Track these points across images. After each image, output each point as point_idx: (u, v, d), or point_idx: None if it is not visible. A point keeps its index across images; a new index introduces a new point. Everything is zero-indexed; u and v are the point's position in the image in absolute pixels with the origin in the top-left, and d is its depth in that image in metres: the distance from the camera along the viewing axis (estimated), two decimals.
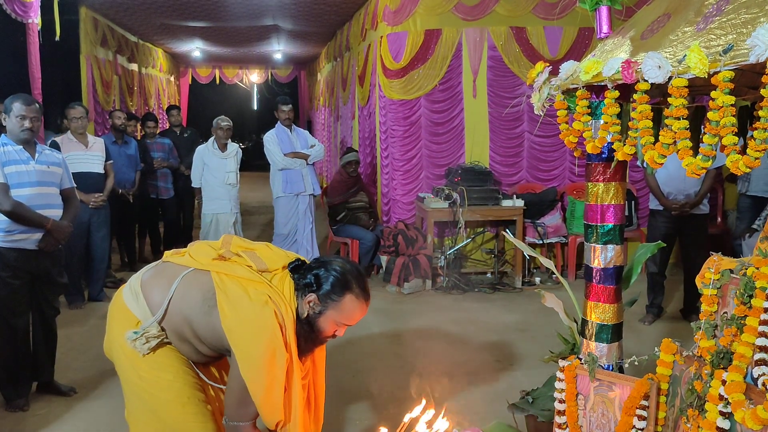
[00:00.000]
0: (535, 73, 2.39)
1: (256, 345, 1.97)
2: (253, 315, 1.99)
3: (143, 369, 2.12)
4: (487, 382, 4.03)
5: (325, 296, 2.08)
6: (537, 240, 6.62)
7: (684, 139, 1.81)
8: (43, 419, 3.59)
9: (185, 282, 2.13)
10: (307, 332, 2.10)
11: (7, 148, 3.67)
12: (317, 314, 2.09)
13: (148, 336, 2.07)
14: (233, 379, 2.02)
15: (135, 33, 10.88)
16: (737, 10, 1.72)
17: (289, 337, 2.03)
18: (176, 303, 2.11)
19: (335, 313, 2.09)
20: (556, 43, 6.86)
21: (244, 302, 2.02)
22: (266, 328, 1.98)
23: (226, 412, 2.07)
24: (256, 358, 1.96)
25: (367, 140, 8.25)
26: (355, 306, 2.11)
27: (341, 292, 2.08)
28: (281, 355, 1.98)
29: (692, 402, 1.98)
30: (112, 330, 2.21)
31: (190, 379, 2.17)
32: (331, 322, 2.11)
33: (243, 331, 1.99)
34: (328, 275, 2.10)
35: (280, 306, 2.03)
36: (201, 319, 2.07)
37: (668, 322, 5.24)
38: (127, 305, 2.16)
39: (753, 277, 1.86)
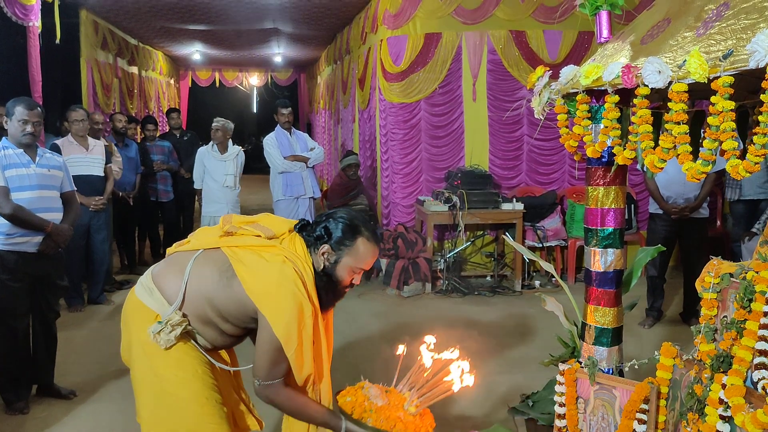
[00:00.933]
0: (535, 77, 2.40)
1: (284, 302, 2.01)
2: (273, 274, 2.04)
3: (162, 367, 2.12)
4: (487, 386, 4.03)
5: (338, 244, 2.13)
6: (537, 243, 6.62)
7: (684, 144, 1.82)
8: (43, 422, 3.58)
9: (198, 263, 2.14)
10: (326, 284, 2.14)
11: (8, 151, 3.68)
12: (333, 264, 2.13)
13: (172, 324, 2.06)
14: (263, 341, 2.04)
15: (135, 36, 10.89)
16: (737, 15, 1.73)
17: (311, 290, 2.08)
18: (193, 285, 2.11)
19: (350, 258, 2.13)
20: (556, 47, 6.87)
21: (262, 265, 2.06)
22: (289, 284, 2.02)
23: (258, 374, 2.08)
24: (286, 314, 2.00)
25: (367, 143, 8.26)
26: (368, 248, 2.16)
27: (353, 237, 2.13)
28: (308, 308, 2.03)
29: (692, 406, 1.99)
30: (130, 331, 2.19)
31: (208, 379, 2.17)
32: (348, 269, 2.15)
33: (268, 292, 2.03)
34: (337, 224, 2.14)
35: (296, 263, 2.07)
36: (222, 294, 2.09)
37: (668, 326, 5.24)
38: (143, 302, 2.15)
39: (753, 281, 1.87)
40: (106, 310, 5.78)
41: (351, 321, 5.44)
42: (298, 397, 2.15)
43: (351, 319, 5.50)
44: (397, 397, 2.23)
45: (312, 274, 2.11)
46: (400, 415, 2.13)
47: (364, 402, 2.15)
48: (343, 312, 5.66)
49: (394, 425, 2.08)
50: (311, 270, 2.12)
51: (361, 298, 6.12)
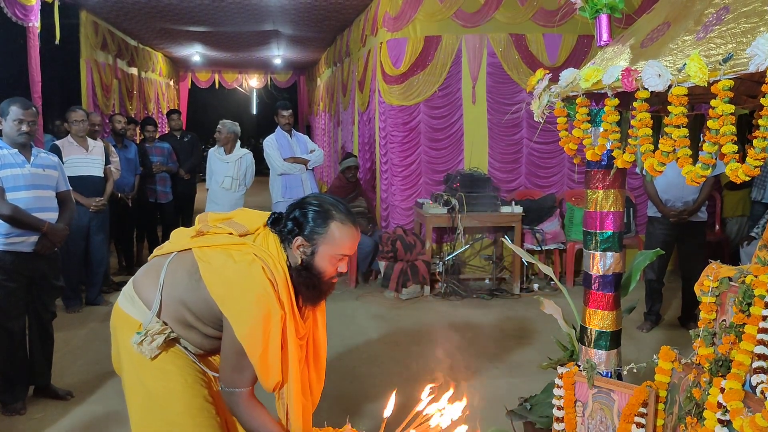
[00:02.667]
0: (535, 81, 2.40)
1: (248, 305, 1.90)
2: (239, 276, 1.93)
3: (150, 378, 2.06)
4: (485, 389, 4.03)
5: (311, 233, 1.99)
6: (535, 246, 6.62)
7: (683, 147, 1.82)
8: (39, 423, 3.58)
9: (171, 267, 2.08)
10: (307, 278, 2.01)
11: (3, 151, 3.67)
12: (311, 255, 1.99)
13: (151, 333, 2.00)
14: (227, 345, 1.94)
15: (135, 37, 10.89)
16: (737, 19, 1.73)
17: (282, 293, 1.95)
18: (168, 291, 2.05)
19: (327, 247, 1.99)
20: (556, 50, 6.88)
21: (229, 266, 1.95)
22: (256, 286, 1.91)
23: (222, 379, 2.00)
24: (250, 318, 1.89)
25: (366, 146, 8.27)
26: (344, 232, 2.00)
27: (325, 223, 1.99)
28: (275, 311, 1.91)
29: (690, 410, 1.98)
30: (117, 341, 2.14)
31: (199, 389, 2.10)
32: (328, 258, 2.01)
33: (232, 295, 1.92)
34: (305, 212, 2.01)
35: (267, 262, 1.95)
36: (192, 296, 2.01)
37: (666, 330, 5.24)
38: (125, 312, 2.11)
39: (751, 285, 1.86)
40: (103, 312, 5.77)
41: (349, 323, 5.44)
42: (259, 415, 2.01)
43: (349, 321, 5.49)
44: None
45: (285, 272, 1.98)
46: None
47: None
48: (341, 314, 5.66)
49: None
50: (284, 268, 1.99)
51: (359, 301, 6.12)
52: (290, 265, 2.02)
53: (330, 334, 5.28)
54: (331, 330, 5.23)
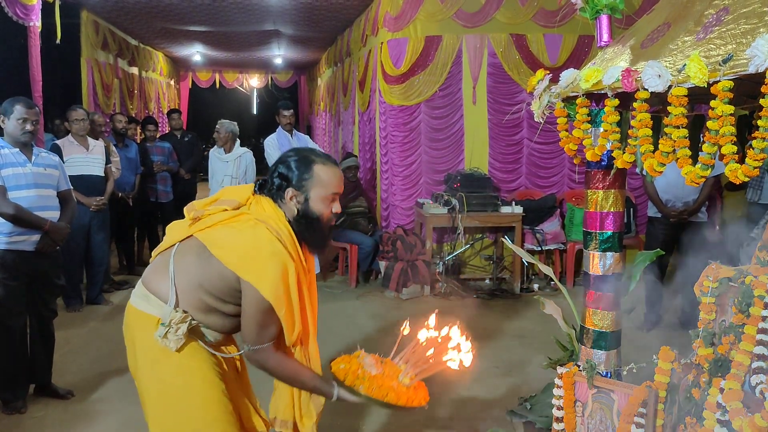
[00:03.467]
0: (535, 81, 2.40)
1: (265, 264, 1.98)
2: (248, 241, 2.01)
3: (170, 374, 2.07)
4: (485, 388, 4.03)
5: (299, 182, 2.09)
6: (536, 246, 6.62)
7: (683, 148, 1.82)
8: (40, 422, 3.58)
9: (178, 257, 2.11)
10: (308, 225, 2.11)
11: (4, 151, 3.68)
12: (305, 203, 2.10)
13: (174, 323, 2.02)
14: (250, 307, 2.00)
15: (136, 37, 10.89)
16: (737, 20, 1.74)
17: (290, 247, 2.04)
18: (181, 278, 2.08)
19: (317, 189, 2.09)
20: (556, 50, 6.88)
21: (234, 234, 2.03)
22: (266, 245, 1.99)
23: (247, 340, 2.05)
24: (270, 275, 1.96)
25: (367, 145, 8.27)
26: (328, 172, 2.12)
27: (309, 169, 2.09)
28: (290, 264, 2.00)
29: (690, 410, 1.99)
30: (134, 341, 2.14)
31: (217, 383, 2.12)
32: (321, 200, 2.10)
33: (247, 257, 1.99)
34: (288, 165, 2.11)
35: (268, 222, 2.04)
36: (206, 275, 2.05)
37: (666, 330, 5.24)
38: (141, 310, 2.12)
39: (751, 286, 1.87)
40: (104, 311, 5.78)
41: (349, 323, 5.44)
42: (290, 362, 2.12)
43: (349, 321, 5.50)
44: (392, 368, 2.17)
45: (287, 227, 2.07)
46: (394, 385, 2.07)
47: (357, 370, 2.09)
48: (342, 314, 5.66)
49: (386, 394, 2.04)
50: (285, 224, 2.08)
51: (359, 300, 6.12)
52: (289, 219, 2.10)
53: (330, 334, 5.34)
54: (332, 329, 5.27)
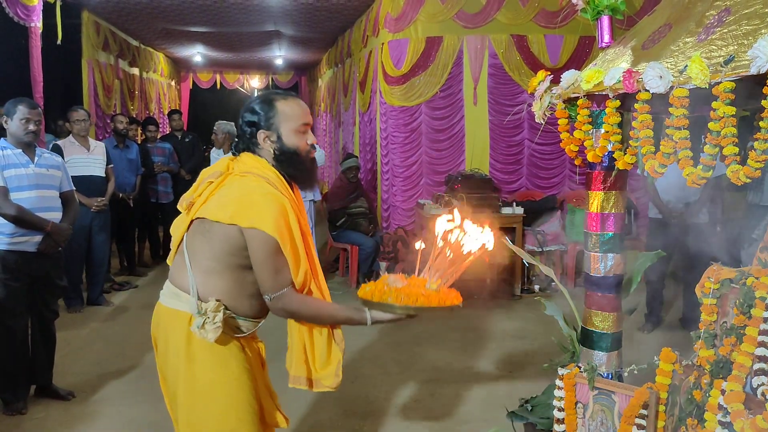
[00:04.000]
0: (536, 82, 2.40)
1: (260, 204, 1.99)
2: (237, 192, 2.04)
3: (201, 371, 2.07)
4: (485, 389, 4.03)
5: (267, 123, 2.11)
6: (536, 247, 6.62)
7: (684, 149, 1.82)
8: (41, 423, 3.58)
9: (189, 246, 2.13)
10: (288, 161, 2.13)
11: (7, 151, 3.68)
12: (279, 140, 2.12)
13: (210, 311, 2.01)
14: (258, 253, 2.00)
15: (137, 37, 10.90)
16: (738, 21, 1.74)
17: (280, 185, 2.07)
18: (196, 264, 2.08)
19: (286, 124, 2.12)
20: (557, 51, 6.88)
21: (224, 194, 2.07)
22: (257, 188, 2.03)
23: (266, 289, 2.05)
24: (270, 213, 1.98)
25: (367, 146, 8.27)
26: (291, 104, 2.14)
27: (271, 107, 2.12)
28: (285, 201, 2.03)
29: (691, 411, 1.98)
30: (167, 342, 2.12)
31: (245, 381, 2.12)
32: (293, 133, 2.12)
33: (242, 205, 2.01)
34: (252, 110, 2.14)
35: (253, 171, 2.08)
36: (214, 244, 2.05)
37: (667, 331, 5.24)
38: (173, 308, 2.12)
39: (753, 287, 1.86)
40: (105, 312, 5.78)
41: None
42: (313, 300, 2.12)
43: None
44: (417, 280, 2.08)
45: (273, 171, 2.10)
46: (422, 292, 2.01)
47: (383, 287, 2.03)
48: None
49: (416, 299, 1.98)
50: (270, 168, 2.10)
51: (360, 301, 6.11)
52: (272, 163, 2.13)
53: None
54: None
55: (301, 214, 2.14)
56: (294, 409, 3.76)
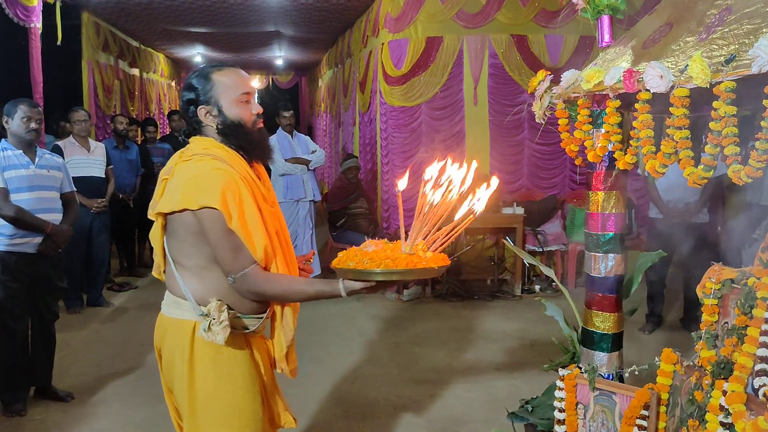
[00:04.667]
0: (536, 82, 2.40)
1: (206, 181, 1.90)
2: (187, 173, 1.95)
3: (202, 379, 2.01)
4: (486, 390, 4.02)
5: (205, 95, 2.01)
6: (537, 248, 6.61)
7: (685, 149, 1.81)
8: (40, 424, 3.58)
9: (170, 252, 2.06)
10: (234, 135, 2.03)
11: (7, 152, 3.68)
12: (220, 113, 2.02)
13: (213, 311, 1.93)
14: (213, 232, 1.90)
15: (137, 38, 10.90)
16: (740, 20, 1.73)
17: (229, 158, 1.98)
18: (183, 268, 2.02)
19: (226, 95, 2.01)
20: (557, 51, 6.87)
21: (173, 182, 1.98)
22: (204, 166, 1.93)
23: (228, 269, 1.94)
24: (216, 187, 1.88)
25: (367, 146, 8.26)
26: (228, 73, 2.04)
27: (207, 80, 2.02)
28: (234, 174, 1.94)
29: (693, 412, 1.98)
30: (172, 351, 2.05)
31: (249, 386, 2.07)
32: (234, 105, 2.02)
33: (187, 189, 1.91)
34: (188, 86, 2.04)
35: (196, 152, 1.99)
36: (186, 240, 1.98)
37: (668, 332, 5.23)
38: (175, 317, 2.05)
39: (754, 287, 1.86)
40: (105, 313, 5.77)
41: (351, 324, 5.43)
42: (280, 276, 1.98)
43: (351, 322, 5.49)
44: (396, 244, 1.86)
45: (222, 148, 2.00)
46: (390, 255, 1.77)
47: (355, 253, 1.82)
48: (343, 315, 5.65)
49: (380, 264, 1.73)
50: (218, 146, 2.01)
51: (360, 302, 6.11)
52: (220, 140, 2.03)
53: (331, 335, 5.32)
54: (332, 330, 5.26)
55: (261, 188, 2.05)
56: (294, 410, 3.75)
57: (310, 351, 4.73)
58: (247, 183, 1.97)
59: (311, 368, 4.38)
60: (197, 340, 1.99)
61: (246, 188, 1.95)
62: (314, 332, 5.19)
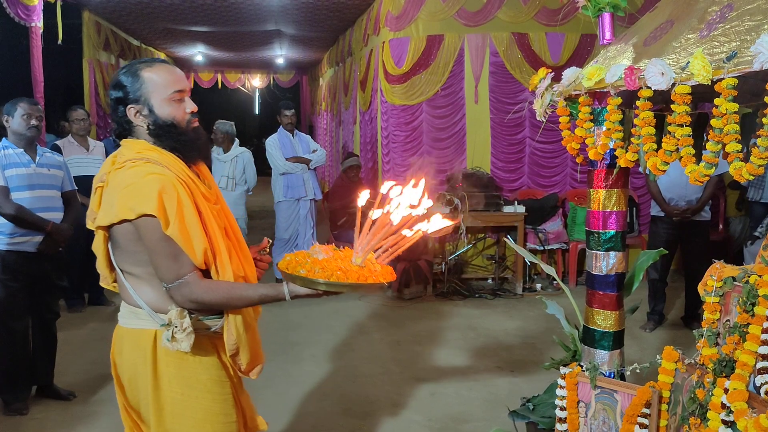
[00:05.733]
0: (537, 80, 2.39)
1: (140, 186, 1.81)
2: (120, 184, 1.85)
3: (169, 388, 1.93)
4: (487, 389, 4.02)
5: (134, 94, 1.90)
6: (538, 246, 6.61)
7: (687, 146, 1.81)
8: (41, 423, 3.58)
9: (118, 262, 1.99)
10: (167, 135, 1.92)
11: (8, 151, 3.68)
12: (151, 113, 1.91)
13: (174, 319, 1.85)
14: (149, 239, 1.82)
15: (138, 37, 10.90)
16: (741, 17, 1.72)
17: (163, 159, 1.88)
18: (135, 277, 1.95)
19: (156, 93, 1.91)
20: (558, 49, 6.86)
21: (109, 192, 1.90)
22: (137, 172, 1.83)
23: (164, 278, 1.84)
24: (150, 192, 1.79)
25: (368, 145, 8.25)
26: (159, 71, 1.93)
27: (136, 77, 1.91)
28: (170, 176, 1.84)
29: (694, 410, 1.97)
30: (135, 364, 1.96)
31: (219, 390, 2.00)
32: (165, 104, 1.92)
33: (122, 198, 1.82)
34: (117, 83, 1.93)
35: (126, 157, 1.88)
36: (131, 249, 1.90)
37: (669, 330, 5.23)
38: (133, 328, 1.97)
39: (756, 285, 1.85)
40: (106, 311, 5.77)
41: (351, 323, 5.43)
42: (219, 283, 1.88)
43: (351, 321, 5.49)
44: (346, 253, 1.84)
45: (156, 150, 1.90)
46: (342, 266, 1.76)
47: (305, 258, 1.79)
48: (344, 314, 5.65)
49: (331, 275, 1.72)
50: (152, 148, 1.90)
51: (361, 300, 6.11)
52: (151, 141, 1.93)
53: (331, 333, 5.32)
54: (333, 329, 5.26)
55: (201, 187, 1.96)
56: (294, 408, 3.75)
57: (311, 349, 4.73)
58: (185, 185, 1.88)
59: (311, 367, 4.38)
60: (160, 349, 1.91)
61: (184, 190, 1.86)
62: (314, 331, 5.19)
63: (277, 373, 4.17)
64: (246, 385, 2.19)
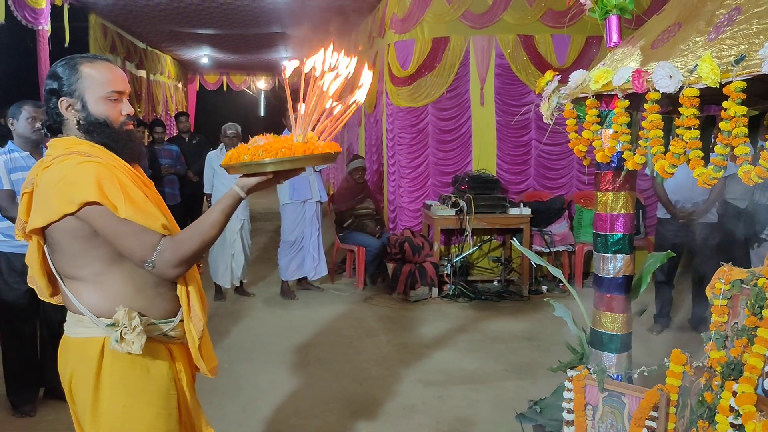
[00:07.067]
0: (544, 82, 2.40)
1: (78, 177, 1.72)
2: (51, 181, 1.75)
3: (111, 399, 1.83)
4: (494, 391, 4.02)
5: (69, 87, 1.83)
6: (544, 248, 6.60)
7: (695, 149, 1.81)
8: (50, 425, 3.59)
9: (57, 268, 1.93)
10: (98, 132, 1.85)
11: (14, 154, 3.69)
12: (83, 108, 1.84)
13: (122, 319, 1.77)
14: (106, 225, 1.73)
15: (144, 40, 10.94)
16: (749, 20, 1.72)
17: (96, 153, 1.80)
18: (76, 282, 1.88)
19: (92, 90, 1.84)
20: (564, 51, 6.86)
21: (40, 193, 1.79)
22: (69, 165, 1.74)
23: (140, 257, 1.75)
24: (91, 180, 1.71)
25: (373, 147, 8.26)
26: (100, 68, 1.86)
27: (74, 71, 1.84)
28: (104, 163, 1.77)
29: (702, 413, 1.97)
30: (77, 375, 1.86)
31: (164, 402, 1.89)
32: (101, 102, 1.85)
33: (58, 194, 1.73)
34: (52, 75, 1.86)
35: (56, 155, 1.79)
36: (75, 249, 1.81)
37: (677, 332, 5.21)
38: (81, 337, 1.87)
39: (764, 288, 1.85)
40: None
41: (357, 325, 5.43)
42: (188, 230, 1.82)
43: (357, 323, 5.49)
44: (288, 137, 1.75)
45: (83, 143, 1.83)
46: (285, 145, 1.69)
47: (246, 148, 1.72)
48: (350, 316, 5.65)
49: (276, 153, 1.66)
50: (79, 141, 1.83)
51: (367, 303, 6.11)
52: (81, 137, 1.86)
53: (337, 336, 5.31)
54: (339, 332, 5.26)
55: (138, 174, 1.91)
56: (302, 410, 3.76)
57: (317, 352, 4.73)
58: (123, 170, 1.82)
59: (318, 369, 4.38)
60: (106, 358, 1.81)
61: (123, 173, 1.80)
62: (320, 333, 5.20)
63: (283, 376, 4.17)
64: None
